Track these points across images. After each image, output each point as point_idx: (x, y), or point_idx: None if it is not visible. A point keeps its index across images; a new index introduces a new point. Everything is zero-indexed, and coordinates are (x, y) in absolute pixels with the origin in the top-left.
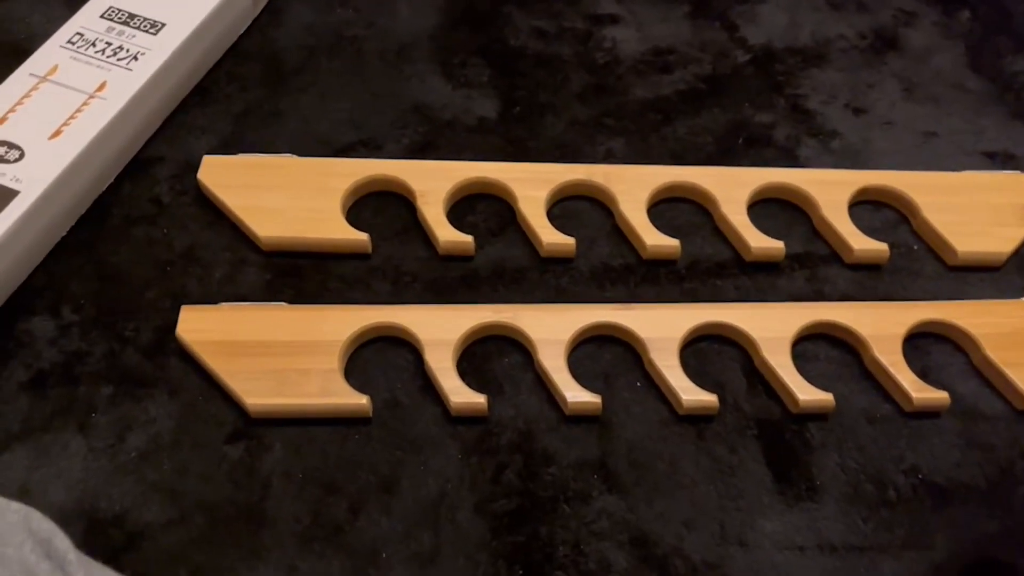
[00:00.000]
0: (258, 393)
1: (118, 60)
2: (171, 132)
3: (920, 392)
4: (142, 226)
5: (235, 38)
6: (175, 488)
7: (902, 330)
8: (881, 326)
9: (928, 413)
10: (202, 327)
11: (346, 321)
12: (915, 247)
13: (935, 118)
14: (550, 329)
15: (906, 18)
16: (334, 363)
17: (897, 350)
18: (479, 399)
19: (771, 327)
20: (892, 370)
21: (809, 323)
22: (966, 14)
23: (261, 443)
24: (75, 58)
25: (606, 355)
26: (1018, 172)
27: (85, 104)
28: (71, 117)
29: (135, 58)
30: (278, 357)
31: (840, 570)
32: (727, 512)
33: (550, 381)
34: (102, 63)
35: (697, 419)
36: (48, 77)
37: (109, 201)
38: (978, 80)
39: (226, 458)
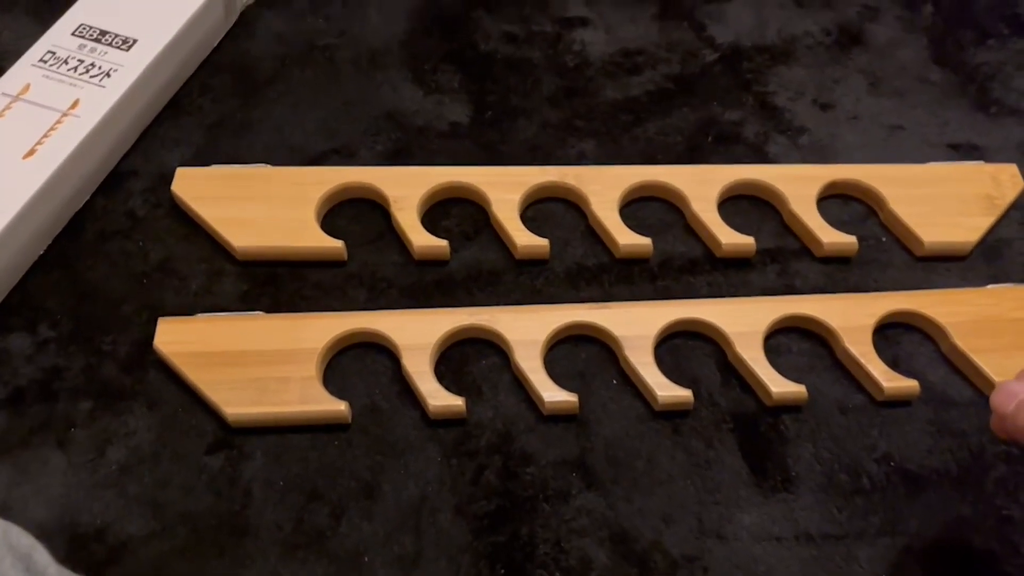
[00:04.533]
0: (237, 403)
1: (90, 77)
2: (144, 145)
3: (890, 381)
4: (117, 240)
5: (208, 51)
6: (156, 500)
7: (871, 321)
8: (851, 317)
9: (899, 402)
10: (179, 339)
11: (323, 328)
12: (883, 239)
13: (900, 111)
14: (526, 330)
15: (870, 14)
16: (312, 371)
17: (867, 341)
18: (457, 401)
19: (743, 322)
20: (863, 360)
21: (780, 317)
22: (928, 8)
23: (241, 452)
24: (47, 76)
25: (582, 354)
26: (982, 163)
27: (58, 122)
28: (44, 136)
29: (107, 75)
30: (256, 366)
31: (817, 559)
32: (705, 506)
33: (527, 382)
34: (75, 81)
35: (673, 415)
36: (20, 96)
37: (83, 216)
38: (942, 73)
39: (207, 468)
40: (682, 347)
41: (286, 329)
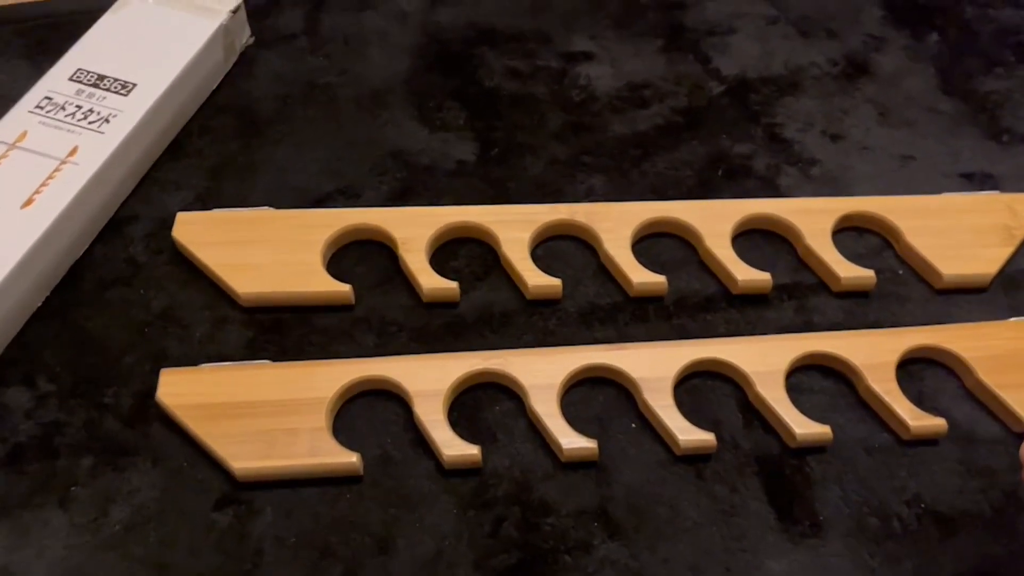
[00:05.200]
0: (244, 456)
1: (89, 123)
2: (144, 189)
3: (917, 420)
4: (117, 288)
5: (208, 93)
6: (162, 561)
7: (894, 357)
8: (873, 354)
9: (926, 440)
10: (183, 390)
11: (332, 376)
12: (900, 272)
13: (911, 141)
14: (541, 374)
15: (876, 43)
16: (321, 421)
17: (891, 378)
18: (472, 450)
19: (763, 361)
20: (887, 398)
21: (801, 355)
22: (934, 37)
23: (250, 508)
24: (44, 123)
25: (599, 397)
26: (997, 192)
27: (57, 170)
28: (43, 184)
29: (106, 120)
30: (263, 418)
31: None
32: (732, 554)
33: (544, 428)
34: (73, 127)
35: (695, 459)
36: (17, 144)
37: (82, 264)
38: (951, 102)
39: (215, 526)
40: (701, 388)
41: (293, 378)
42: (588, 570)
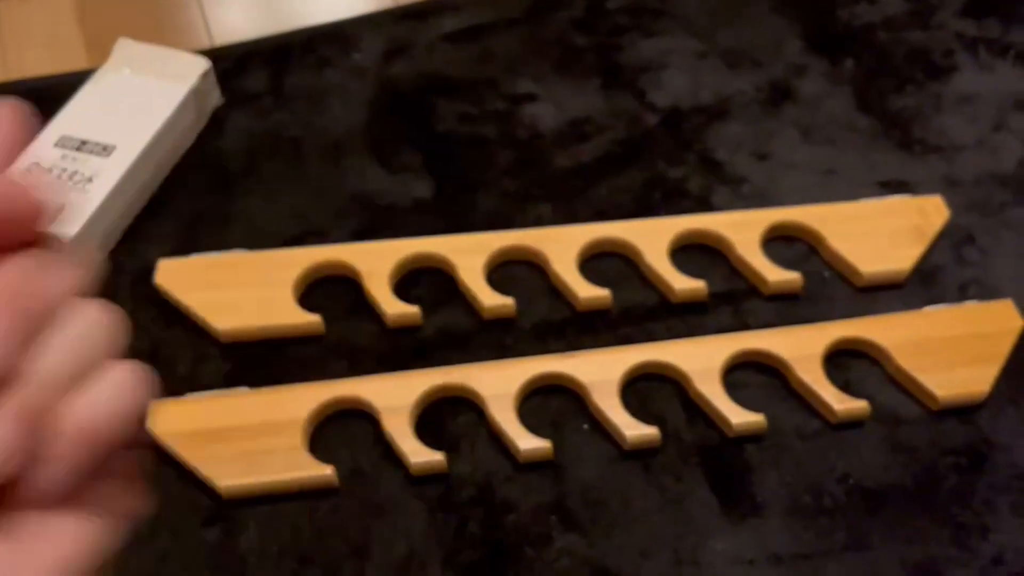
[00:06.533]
0: (229, 475)
1: (74, 184)
2: (127, 243)
3: (842, 404)
4: None
5: (183, 150)
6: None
7: (820, 349)
8: (801, 348)
9: (853, 423)
10: (170, 419)
11: (305, 399)
12: (826, 274)
13: (832, 157)
14: (498, 385)
15: (797, 70)
16: (297, 440)
17: (818, 368)
18: (437, 456)
19: (701, 360)
20: (815, 387)
21: (735, 352)
22: (850, 62)
23: (236, 523)
24: None
25: (553, 403)
26: (908, 196)
27: None
28: None
29: (89, 180)
30: (244, 440)
31: None
32: (680, 537)
33: (502, 433)
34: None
35: (643, 454)
36: None
37: None
38: (867, 119)
39: (204, 542)
40: (647, 389)
41: (270, 402)
42: (548, 560)
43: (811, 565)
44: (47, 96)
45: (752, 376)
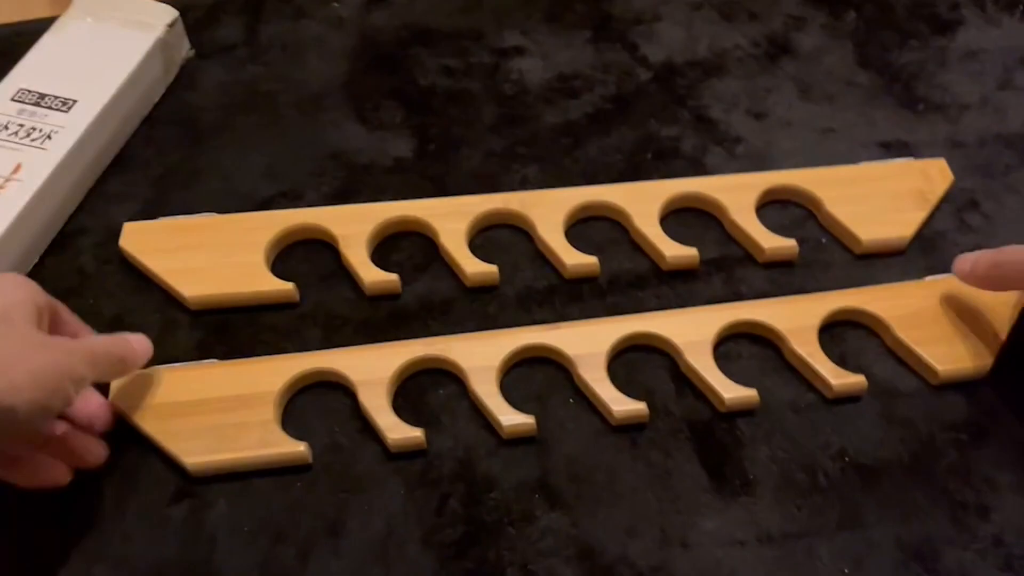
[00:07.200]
0: (196, 452)
1: (32, 141)
2: (91, 202)
3: (839, 378)
4: (68, 298)
5: (150, 106)
6: (122, 556)
7: (816, 321)
8: (796, 319)
9: (849, 397)
10: (135, 393)
11: (278, 371)
12: (823, 240)
13: (831, 115)
14: (480, 357)
15: (795, 23)
16: (270, 414)
17: (814, 341)
18: (416, 433)
19: (692, 331)
20: (810, 360)
21: (728, 323)
22: (851, 14)
23: (204, 501)
24: None
25: (538, 376)
26: (911, 159)
27: (1, 188)
28: None
29: (48, 137)
30: (214, 414)
31: (780, 559)
32: (667, 515)
33: (484, 407)
34: (16, 145)
35: (630, 428)
36: None
37: (32, 277)
38: (867, 75)
39: (171, 519)
40: (635, 361)
41: (241, 375)
42: (531, 539)
43: (803, 545)
44: (4, 47)
45: (744, 347)
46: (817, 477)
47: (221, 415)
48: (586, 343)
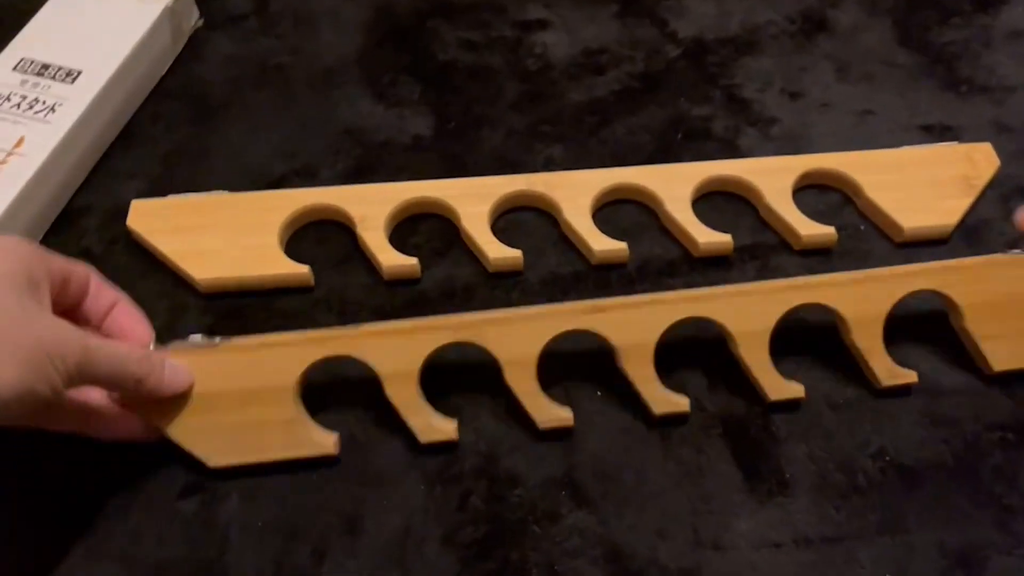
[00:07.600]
0: (219, 454)
1: (35, 113)
2: (96, 179)
3: (891, 378)
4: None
5: (158, 78)
6: (128, 552)
7: (886, 308)
8: (864, 306)
9: (890, 392)
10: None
11: (297, 357)
12: (862, 227)
13: (869, 96)
14: (518, 346)
15: None
16: (291, 411)
17: (878, 333)
18: (450, 427)
19: (751, 319)
20: (868, 354)
21: (789, 310)
22: None
23: (216, 495)
24: None
25: (563, 366)
26: (956, 143)
27: (3, 163)
28: None
29: (52, 110)
30: (232, 411)
31: (818, 563)
32: (699, 516)
33: (521, 401)
34: (18, 118)
35: (661, 423)
36: None
37: None
38: (908, 54)
39: (180, 515)
40: (665, 350)
41: (256, 363)
42: (557, 539)
43: (842, 549)
44: (5, 14)
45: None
46: (856, 477)
47: (240, 412)
48: (633, 331)
